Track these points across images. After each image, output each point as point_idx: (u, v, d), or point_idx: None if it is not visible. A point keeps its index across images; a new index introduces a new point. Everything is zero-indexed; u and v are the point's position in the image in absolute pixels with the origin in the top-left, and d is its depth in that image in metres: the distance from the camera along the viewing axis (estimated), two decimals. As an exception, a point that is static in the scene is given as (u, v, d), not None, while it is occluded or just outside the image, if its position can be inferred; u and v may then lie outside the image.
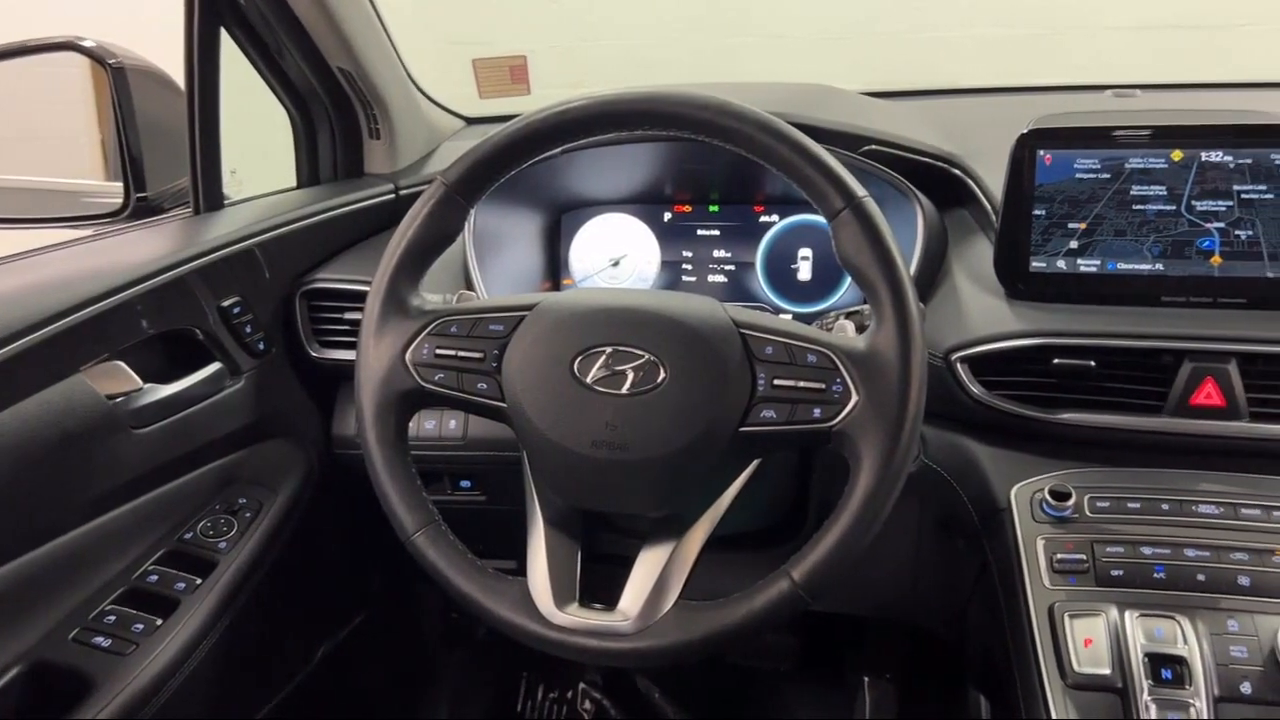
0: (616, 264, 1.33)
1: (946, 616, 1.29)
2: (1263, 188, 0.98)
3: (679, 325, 0.84)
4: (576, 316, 0.87)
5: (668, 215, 1.32)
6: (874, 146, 1.16)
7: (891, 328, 0.81)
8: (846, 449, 0.82)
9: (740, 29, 3.45)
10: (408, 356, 0.89)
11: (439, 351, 0.89)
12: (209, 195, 1.28)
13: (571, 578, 0.88)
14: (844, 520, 0.80)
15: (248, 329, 1.20)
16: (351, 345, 0.92)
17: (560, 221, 1.35)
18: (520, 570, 0.88)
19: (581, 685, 1.70)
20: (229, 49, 1.26)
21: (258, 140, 1.50)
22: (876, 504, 0.79)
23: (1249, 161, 0.98)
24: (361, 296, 0.91)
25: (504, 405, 0.88)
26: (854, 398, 0.81)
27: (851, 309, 1.01)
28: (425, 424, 1.23)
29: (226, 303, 1.18)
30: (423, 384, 0.88)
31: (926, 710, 1.58)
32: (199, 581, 1.09)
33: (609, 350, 0.85)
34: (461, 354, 0.89)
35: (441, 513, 0.90)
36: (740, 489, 0.89)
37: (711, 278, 1.31)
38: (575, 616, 0.84)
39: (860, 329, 0.88)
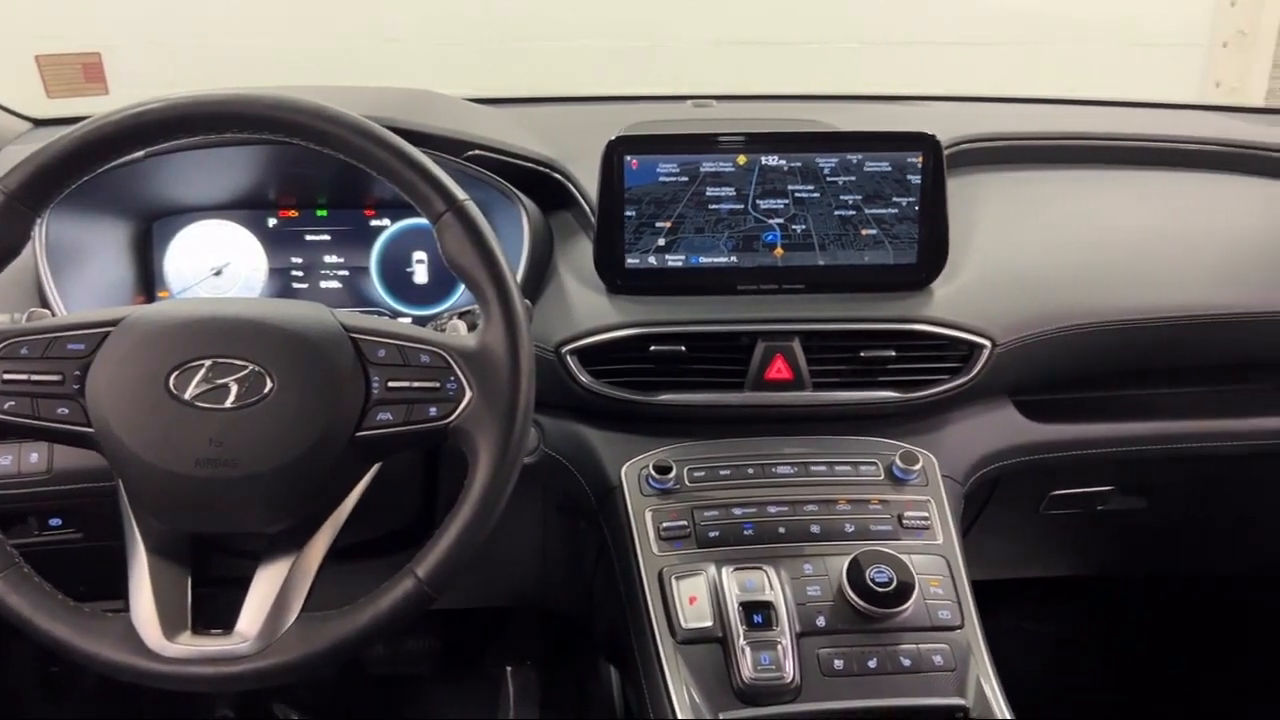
0: (219, 273, 1.26)
1: (575, 596, 1.36)
2: (811, 187, 1.13)
3: (283, 333, 0.83)
4: (170, 329, 0.82)
5: (273, 221, 1.27)
6: (477, 151, 1.19)
7: (499, 325, 0.85)
8: (464, 444, 0.84)
9: (355, 31, 3.38)
10: None
11: (7, 376, 0.80)
12: None
13: (181, 606, 0.83)
14: (464, 513, 0.83)
15: None
16: None
17: (151, 230, 1.25)
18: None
19: (213, 721, 1.60)
20: None
21: None
22: (494, 494, 0.83)
23: (799, 164, 1.12)
24: None
25: (91, 430, 0.81)
26: (468, 394, 0.84)
27: (464, 309, 1.03)
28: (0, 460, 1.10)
29: None
30: None
31: (566, 690, 1.66)
32: None
33: (208, 363, 0.81)
34: (35, 377, 0.81)
35: (33, 556, 0.82)
36: (363, 494, 0.89)
37: (324, 284, 1.28)
38: (188, 646, 0.80)
39: (472, 328, 0.91)
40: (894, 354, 1.10)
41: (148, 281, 1.25)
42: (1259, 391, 1.33)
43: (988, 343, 1.11)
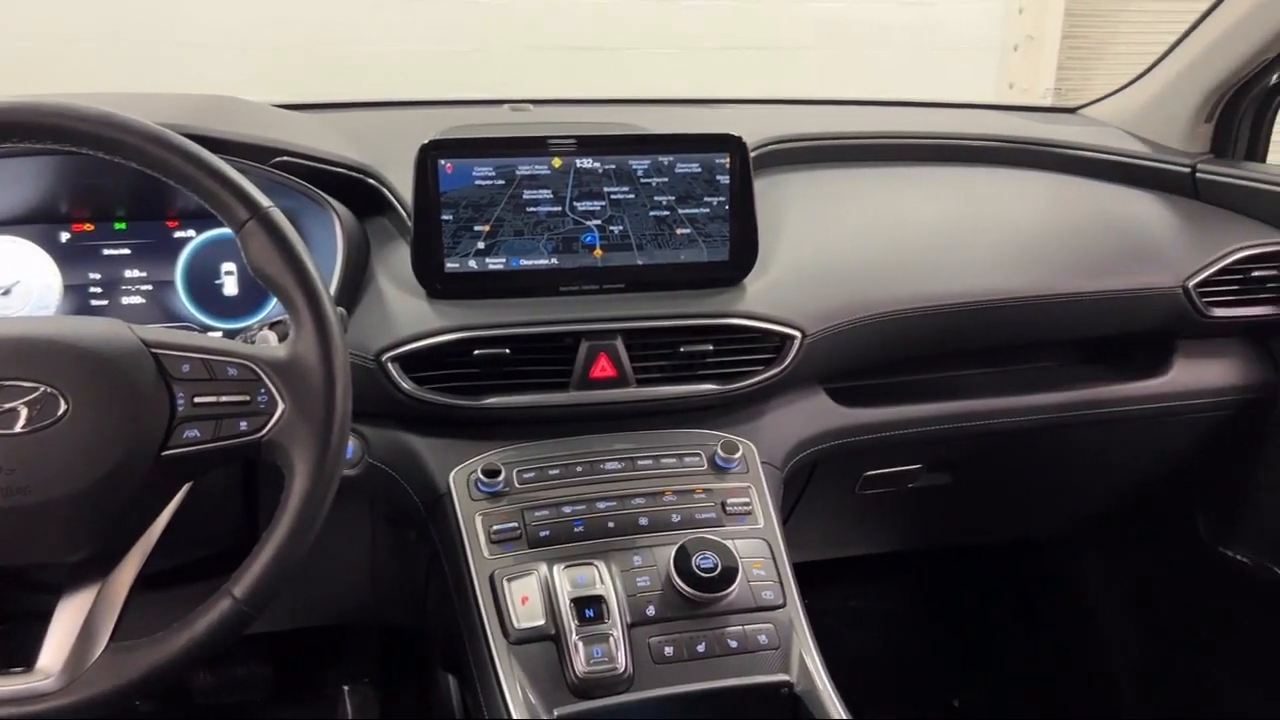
0: (7, 292, 1.18)
1: (409, 608, 1.35)
2: (625, 189, 1.15)
3: (76, 351, 0.79)
4: None
5: (66, 235, 1.20)
6: (285, 158, 1.16)
7: (310, 333, 0.83)
8: (279, 458, 0.83)
9: (159, 37, 3.22)
10: None
11: None
12: None
13: None
14: (282, 528, 0.81)
15: None
16: None
17: None
18: None
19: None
20: None
21: None
22: (312, 508, 0.81)
23: (613, 167, 1.14)
24: None
25: None
26: (280, 406, 0.82)
27: (276, 319, 1.01)
28: None
29: None
30: None
31: (406, 704, 1.63)
32: None
33: None
34: None
35: None
36: (176, 515, 0.85)
37: (126, 300, 1.22)
38: None
39: (283, 338, 0.89)
40: (712, 348, 1.14)
41: (-75, 304, 1.16)
42: (1046, 369, 1.44)
43: (798, 334, 1.16)
